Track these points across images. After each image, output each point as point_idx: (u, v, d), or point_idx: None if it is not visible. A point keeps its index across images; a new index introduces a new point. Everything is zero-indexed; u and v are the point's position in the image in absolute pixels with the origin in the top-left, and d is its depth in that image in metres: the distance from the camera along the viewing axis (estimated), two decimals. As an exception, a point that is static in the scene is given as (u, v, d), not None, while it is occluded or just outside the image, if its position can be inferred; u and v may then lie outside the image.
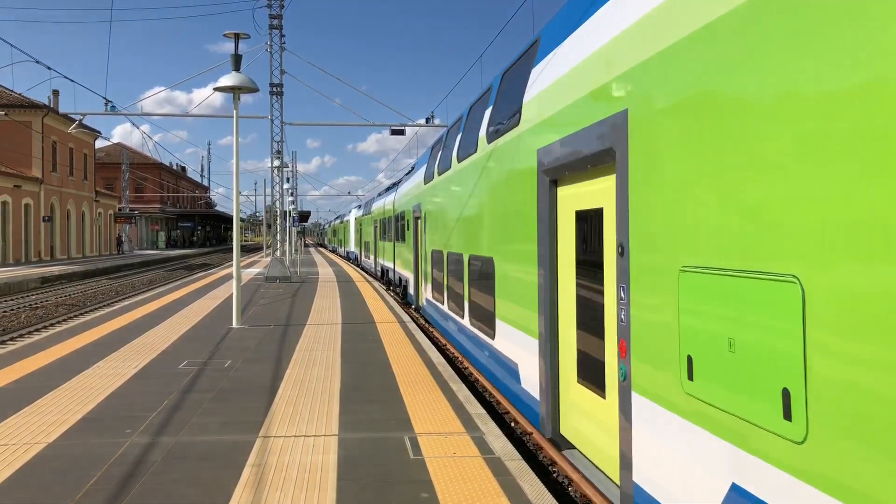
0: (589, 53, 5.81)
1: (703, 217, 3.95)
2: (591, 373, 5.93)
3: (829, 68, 2.99)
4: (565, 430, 6.80)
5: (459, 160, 12.01)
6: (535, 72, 7.65)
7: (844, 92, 2.91)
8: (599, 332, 5.70)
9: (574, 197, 6.40)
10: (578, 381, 6.29)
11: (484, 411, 7.93)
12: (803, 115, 3.15)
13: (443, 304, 14.05)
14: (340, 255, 64.25)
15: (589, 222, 6.02)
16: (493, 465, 6.10)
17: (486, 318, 9.95)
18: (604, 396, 5.65)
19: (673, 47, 4.30)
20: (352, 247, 52.96)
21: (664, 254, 4.38)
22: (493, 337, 9.52)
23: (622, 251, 4.97)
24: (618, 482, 5.23)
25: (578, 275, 6.27)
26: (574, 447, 6.63)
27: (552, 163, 6.67)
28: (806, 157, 3.11)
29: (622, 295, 4.99)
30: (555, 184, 6.85)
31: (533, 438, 9.06)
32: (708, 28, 3.91)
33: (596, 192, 5.83)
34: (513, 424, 9.79)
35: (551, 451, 8.41)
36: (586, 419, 6.15)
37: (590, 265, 5.99)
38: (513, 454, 6.40)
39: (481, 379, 11.25)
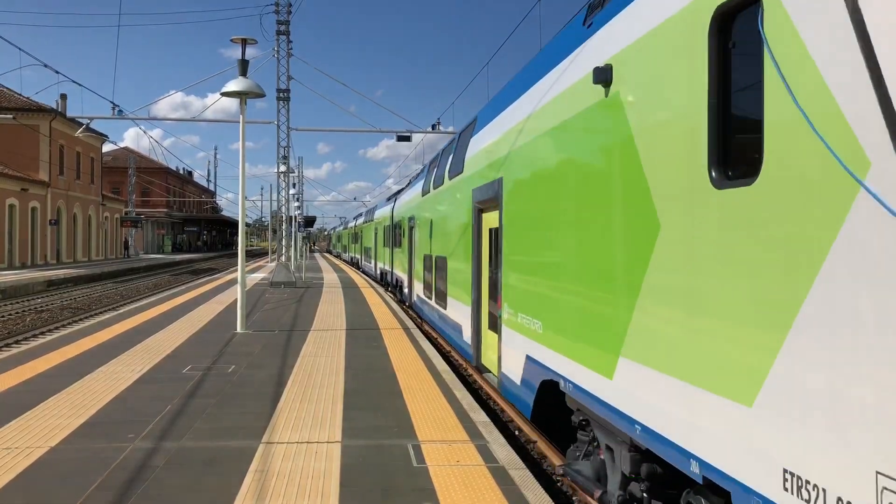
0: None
1: (528, 236, 8.21)
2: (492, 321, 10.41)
3: None
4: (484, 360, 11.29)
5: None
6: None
7: None
8: (496, 298, 9.69)
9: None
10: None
11: (488, 419, 7.89)
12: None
13: None
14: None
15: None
16: (497, 473, 6.05)
17: None
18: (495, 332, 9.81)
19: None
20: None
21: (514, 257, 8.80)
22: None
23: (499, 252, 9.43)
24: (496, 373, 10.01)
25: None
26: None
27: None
28: None
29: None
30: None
31: (537, 447, 9.01)
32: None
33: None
34: (517, 433, 9.73)
35: (554, 459, 8.35)
36: (490, 349, 10.54)
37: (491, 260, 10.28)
38: (517, 463, 6.36)
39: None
